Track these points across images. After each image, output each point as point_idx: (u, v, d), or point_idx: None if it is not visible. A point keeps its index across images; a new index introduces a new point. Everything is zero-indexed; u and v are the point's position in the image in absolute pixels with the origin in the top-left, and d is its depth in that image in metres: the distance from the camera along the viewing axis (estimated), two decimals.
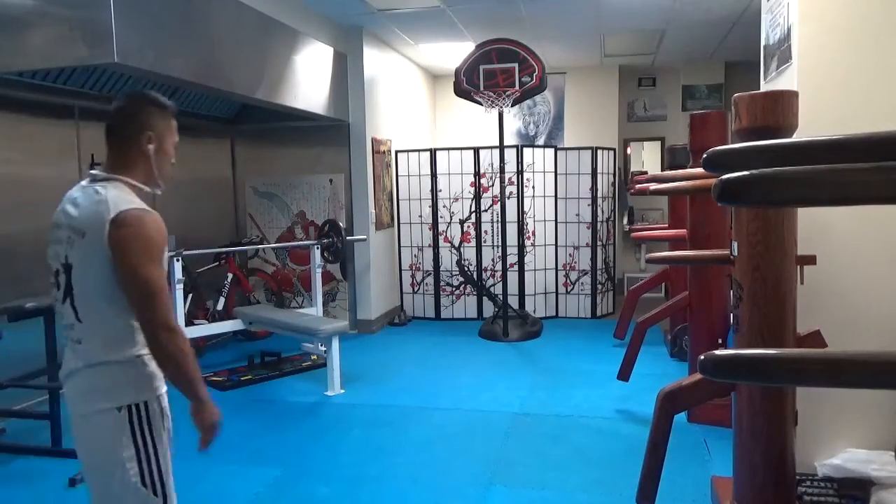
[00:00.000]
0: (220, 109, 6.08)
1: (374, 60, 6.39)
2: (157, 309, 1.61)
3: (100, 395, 1.64)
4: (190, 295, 5.17)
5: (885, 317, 2.63)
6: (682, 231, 4.33)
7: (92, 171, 1.76)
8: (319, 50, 5.62)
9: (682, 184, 3.50)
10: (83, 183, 1.76)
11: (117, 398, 1.64)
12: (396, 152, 6.89)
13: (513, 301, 6.46)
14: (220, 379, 4.76)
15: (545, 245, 6.84)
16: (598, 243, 6.82)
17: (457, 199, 6.79)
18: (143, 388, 1.68)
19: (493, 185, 6.64)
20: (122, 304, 1.64)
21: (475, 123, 7.84)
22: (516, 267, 6.69)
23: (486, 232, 6.76)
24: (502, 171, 6.12)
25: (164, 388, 1.73)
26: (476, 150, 6.74)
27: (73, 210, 1.70)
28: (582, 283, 6.88)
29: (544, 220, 6.81)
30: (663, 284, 6.55)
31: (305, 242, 5.83)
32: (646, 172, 6.81)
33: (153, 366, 1.69)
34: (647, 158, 8.45)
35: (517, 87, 5.81)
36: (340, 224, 5.37)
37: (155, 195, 1.80)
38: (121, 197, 1.67)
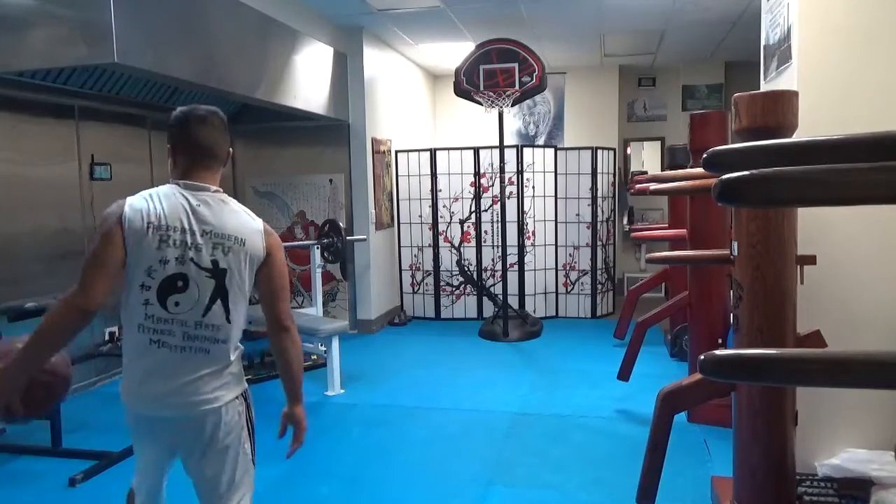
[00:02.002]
0: (220, 109, 6.08)
1: (374, 60, 6.39)
2: (289, 305, 1.90)
3: (231, 387, 1.81)
4: None
5: (885, 317, 2.63)
6: (682, 231, 4.33)
7: (186, 181, 1.81)
8: (319, 50, 5.62)
9: (682, 184, 3.51)
10: (182, 191, 1.79)
11: (238, 388, 1.85)
12: (396, 152, 6.89)
13: (513, 301, 6.46)
14: None
15: (545, 245, 6.84)
16: (598, 243, 6.82)
17: (457, 199, 6.79)
18: (243, 378, 1.90)
19: (493, 185, 6.64)
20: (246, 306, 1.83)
21: (475, 123, 7.83)
22: (516, 267, 6.69)
23: (486, 232, 6.76)
24: (502, 171, 6.12)
25: None
26: (476, 150, 6.74)
27: (208, 215, 1.77)
28: (582, 283, 6.89)
29: (544, 220, 6.81)
30: (663, 284, 6.55)
31: (305, 242, 5.83)
32: (646, 172, 6.81)
33: None
34: (647, 158, 8.45)
35: (517, 87, 5.81)
36: (340, 224, 5.36)
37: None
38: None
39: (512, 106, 6.04)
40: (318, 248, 5.31)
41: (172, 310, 1.71)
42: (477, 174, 6.73)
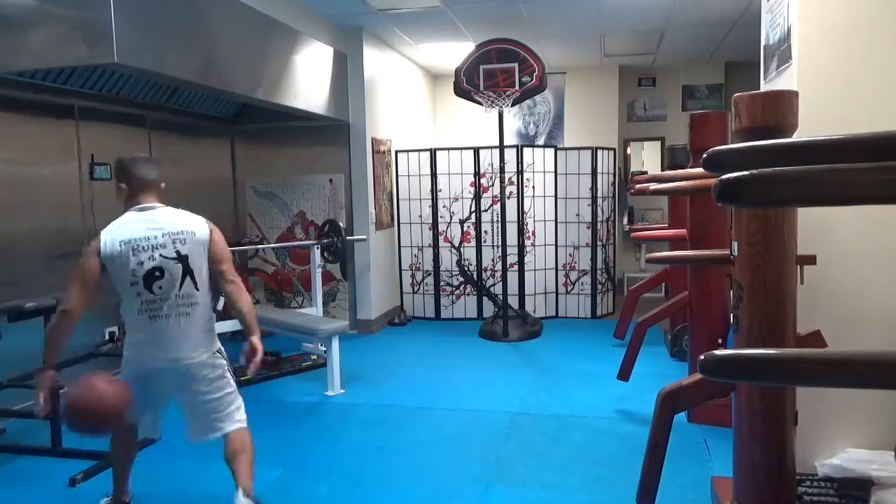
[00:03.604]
0: (220, 109, 6.08)
1: (374, 60, 6.39)
2: (231, 267, 2.67)
3: (209, 345, 2.62)
4: None
5: (885, 317, 2.63)
6: (682, 231, 4.33)
7: (139, 206, 2.59)
8: (319, 50, 5.62)
9: (682, 184, 3.50)
10: (137, 213, 2.56)
11: (214, 345, 2.66)
12: (396, 152, 6.89)
13: (513, 301, 6.46)
14: None
15: (545, 245, 6.84)
16: (598, 243, 6.82)
17: (457, 199, 6.79)
18: (215, 337, 2.68)
19: (493, 185, 6.64)
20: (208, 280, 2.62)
21: (475, 123, 7.83)
22: (516, 267, 6.68)
23: (486, 232, 6.76)
24: (502, 171, 6.12)
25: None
26: (476, 150, 6.74)
27: (162, 224, 2.53)
28: (582, 283, 6.89)
29: (544, 220, 6.81)
30: (663, 284, 6.55)
31: (305, 242, 5.83)
32: (646, 172, 6.81)
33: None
34: (647, 158, 8.45)
35: (517, 87, 5.81)
36: (340, 224, 5.36)
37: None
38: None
39: (512, 106, 6.04)
40: (318, 248, 5.31)
41: (157, 292, 2.49)
42: (477, 174, 6.73)
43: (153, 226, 2.50)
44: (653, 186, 3.89)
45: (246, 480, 2.52)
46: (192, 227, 2.57)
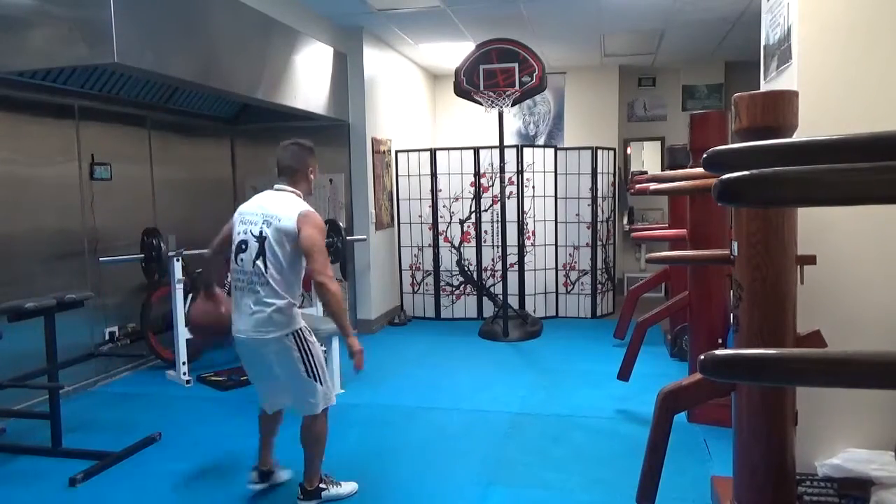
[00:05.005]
0: (220, 109, 6.08)
1: (374, 60, 6.39)
2: (321, 266, 2.67)
3: (280, 327, 2.69)
4: (190, 295, 5.17)
5: (885, 317, 2.63)
6: (682, 231, 4.33)
7: (275, 185, 2.89)
8: (319, 50, 5.62)
9: (682, 184, 3.50)
10: (270, 190, 2.87)
11: (285, 329, 2.70)
12: (396, 152, 6.89)
13: (513, 301, 6.46)
14: (219, 379, 4.77)
15: (545, 245, 6.84)
16: (598, 243, 6.82)
17: (457, 199, 6.79)
18: (292, 323, 2.72)
19: (493, 185, 6.65)
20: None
21: (475, 123, 7.84)
22: (516, 267, 6.69)
23: (486, 232, 6.76)
24: (502, 170, 6.12)
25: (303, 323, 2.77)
26: (476, 150, 6.74)
27: (267, 204, 2.77)
28: (582, 283, 6.89)
29: (544, 220, 6.81)
30: (663, 284, 6.55)
31: None
32: (646, 172, 6.81)
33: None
34: (647, 158, 8.45)
35: (517, 87, 5.81)
36: (340, 224, 5.36)
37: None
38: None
39: (512, 106, 6.04)
40: None
41: (239, 263, 2.73)
42: (477, 174, 6.73)
43: (262, 204, 2.75)
44: (653, 186, 3.89)
45: (307, 474, 2.86)
46: (283, 213, 2.69)
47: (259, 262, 2.66)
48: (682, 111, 8.02)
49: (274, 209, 2.71)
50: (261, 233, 2.68)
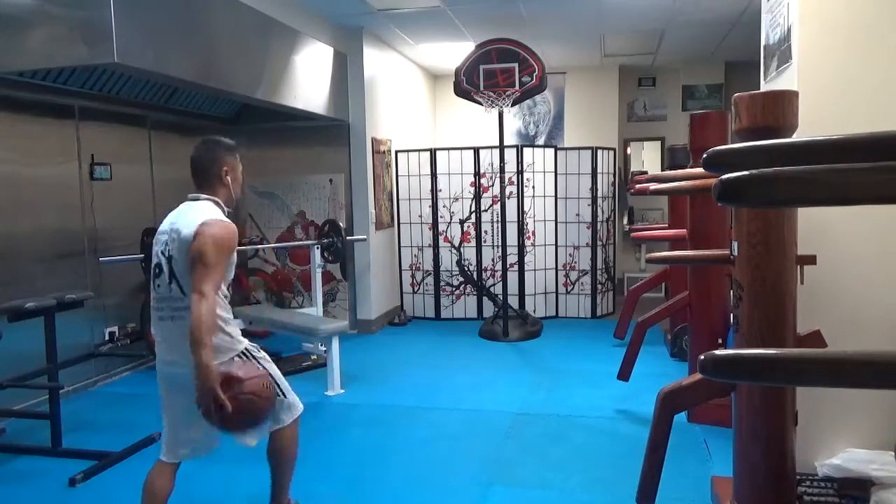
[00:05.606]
0: (220, 109, 6.08)
1: (374, 60, 6.39)
2: (201, 278, 2.20)
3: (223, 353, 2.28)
4: None
5: (885, 317, 2.63)
6: (682, 231, 4.33)
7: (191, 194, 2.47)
8: (319, 50, 5.62)
9: (682, 184, 3.50)
10: (185, 202, 2.46)
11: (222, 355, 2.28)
12: (396, 152, 6.89)
13: (513, 301, 6.46)
14: None
15: (545, 245, 6.84)
16: (598, 243, 6.82)
17: (457, 199, 6.79)
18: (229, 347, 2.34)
19: (493, 185, 6.64)
20: None
21: (475, 123, 7.83)
22: (516, 267, 6.68)
23: (486, 232, 6.76)
24: (502, 170, 6.12)
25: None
26: (476, 150, 6.74)
27: (177, 218, 2.37)
28: (582, 283, 6.88)
29: (544, 220, 6.81)
30: (663, 284, 6.55)
31: (305, 242, 5.83)
32: (646, 172, 6.81)
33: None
34: (647, 158, 8.45)
35: (517, 87, 5.81)
36: (340, 224, 5.36)
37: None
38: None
39: (512, 106, 6.03)
40: (318, 248, 5.31)
41: (157, 290, 2.34)
42: (477, 174, 6.73)
43: (172, 219, 2.35)
44: (653, 186, 3.89)
45: (276, 496, 2.61)
46: (186, 224, 2.27)
47: (174, 286, 2.28)
48: (682, 111, 8.02)
49: (179, 222, 2.30)
50: (168, 252, 2.29)
